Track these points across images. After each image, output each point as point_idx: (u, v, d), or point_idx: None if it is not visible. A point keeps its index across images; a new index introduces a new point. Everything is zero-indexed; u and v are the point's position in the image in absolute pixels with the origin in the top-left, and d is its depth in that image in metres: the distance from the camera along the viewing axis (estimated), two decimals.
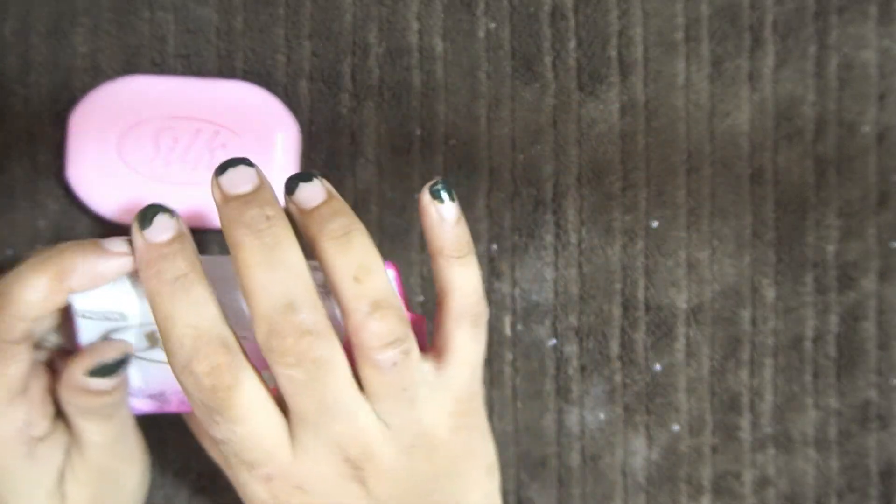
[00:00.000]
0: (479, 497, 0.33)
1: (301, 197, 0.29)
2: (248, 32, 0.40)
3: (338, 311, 0.29)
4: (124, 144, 0.38)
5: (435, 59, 0.40)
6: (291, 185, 0.29)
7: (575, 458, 0.41)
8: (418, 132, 0.41)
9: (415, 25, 0.40)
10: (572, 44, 0.41)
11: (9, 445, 0.30)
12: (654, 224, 0.41)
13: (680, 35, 0.41)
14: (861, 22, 0.41)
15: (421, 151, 0.41)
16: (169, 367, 0.30)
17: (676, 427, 0.41)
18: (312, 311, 0.28)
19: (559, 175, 0.41)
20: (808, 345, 0.42)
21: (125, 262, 0.29)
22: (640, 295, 0.41)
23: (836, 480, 0.42)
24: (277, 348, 0.27)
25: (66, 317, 0.31)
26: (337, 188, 0.41)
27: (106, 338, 0.31)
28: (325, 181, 0.30)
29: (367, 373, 0.29)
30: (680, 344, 0.41)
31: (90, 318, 0.30)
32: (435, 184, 0.31)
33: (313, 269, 0.29)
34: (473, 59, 0.40)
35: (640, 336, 0.41)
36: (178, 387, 0.33)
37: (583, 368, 0.41)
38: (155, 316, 0.28)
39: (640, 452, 0.41)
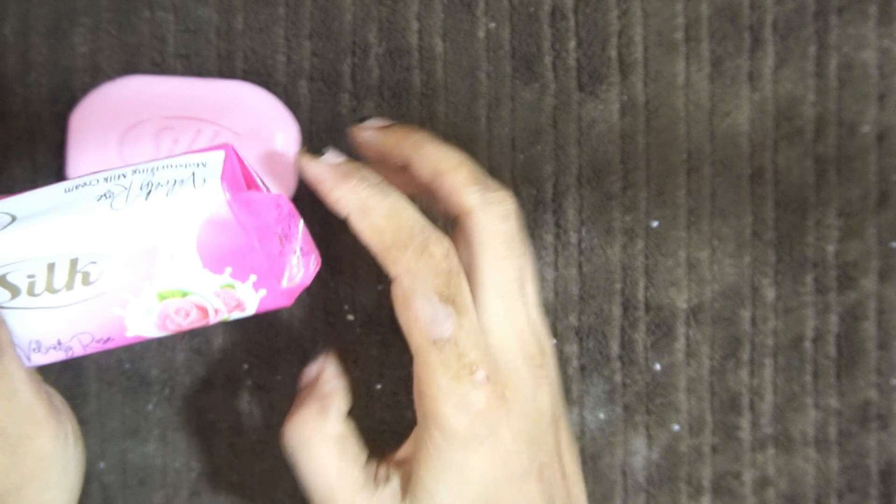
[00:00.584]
0: (572, 462, 0.34)
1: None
2: (248, 32, 0.40)
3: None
4: (124, 144, 0.38)
5: (435, 59, 0.40)
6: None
7: None
8: None
9: (415, 25, 0.40)
10: (572, 44, 0.41)
11: None
12: (654, 224, 0.41)
13: (680, 35, 0.41)
14: (861, 22, 0.41)
15: None
16: (49, 312, 0.30)
17: (676, 427, 0.41)
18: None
19: (559, 175, 0.41)
20: (808, 345, 0.42)
21: None
22: (640, 295, 0.41)
23: (836, 480, 0.42)
24: (492, 199, 0.31)
25: None
26: None
27: None
28: None
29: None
30: (680, 344, 0.41)
31: None
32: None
33: None
34: (473, 59, 0.41)
35: (640, 336, 0.41)
36: (73, 331, 0.31)
37: (583, 368, 0.41)
38: (370, 217, 0.30)
39: (640, 452, 0.41)
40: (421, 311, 0.29)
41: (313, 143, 0.40)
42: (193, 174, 0.30)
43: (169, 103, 0.38)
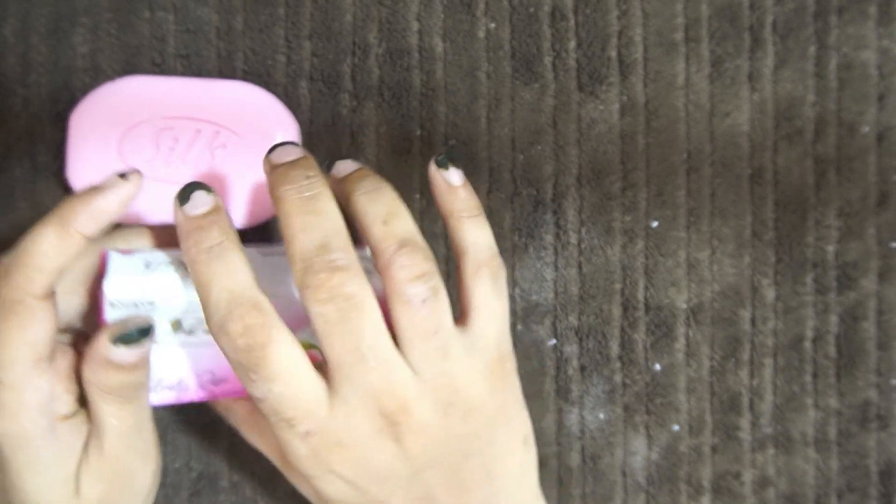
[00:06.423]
0: (514, 467, 0.34)
1: (338, 169, 0.33)
2: (248, 32, 0.40)
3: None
4: (124, 144, 0.38)
5: (435, 60, 0.40)
6: (329, 166, 0.33)
7: (575, 458, 0.41)
8: (418, 132, 0.41)
9: (415, 26, 0.40)
10: (572, 44, 0.41)
11: (32, 415, 0.31)
12: (654, 224, 0.41)
13: (680, 35, 0.41)
14: (861, 22, 0.41)
15: (421, 151, 0.41)
16: (187, 350, 0.32)
17: (676, 427, 0.41)
18: (345, 253, 0.30)
19: (559, 175, 0.41)
20: (807, 345, 0.42)
21: (122, 194, 0.31)
22: (640, 295, 0.41)
23: (835, 480, 0.42)
24: (311, 284, 0.29)
25: (91, 307, 0.33)
26: None
27: None
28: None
29: (398, 312, 0.30)
30: (680, 344, 0.41)
31: (118, 306, 0.31)
32: (439, 155, 0.34)
33: (364, 258, 0.31)
34: (473, 59, 0.41)
35: (639, 336, 0.41)
36: (199, 368, 0.33)
37: (583, 368, 0.41)
38: (195, 284, 0.30)
39: (640, 452, 0.41)
40: (236, 374, 0.31)
41: (313, 143, 0.40)
42: (368, 269, 0.32)
43: (169, 103, 0.38)
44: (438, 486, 0.32)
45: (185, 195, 0.31)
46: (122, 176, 0.31)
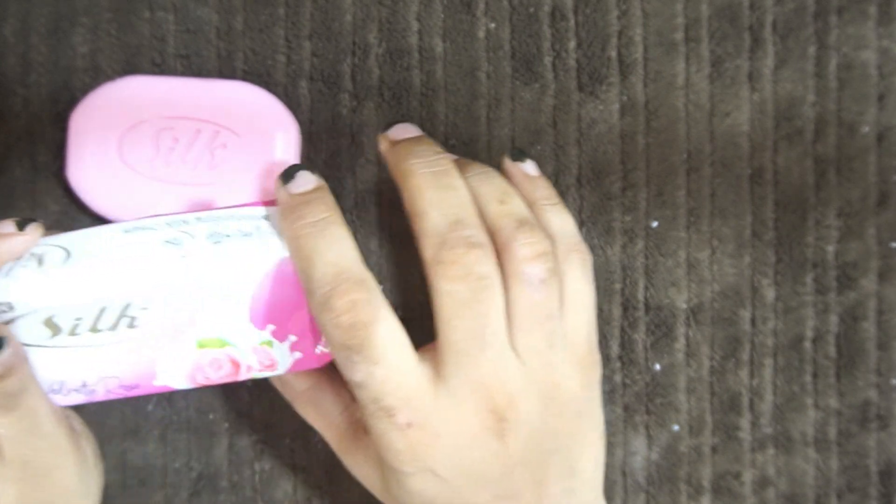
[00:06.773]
0: (592, 462, 0.33)
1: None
2: (248, 32, 0.40)
3: None
4: (124, 144, 0.38)
5: (435, 60, 0.40)
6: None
7: None
8: None
9: (415, 26, 0.40)
10: (572, 44, 0.41)
11: None
12: (654, 224, 0.41)
13: (680, 35, 0.41)
14: (861, 22, 0.41)
15: None
16: (82, 351, 0.30)
17: (676, 427, 0.41)
18: (479, 230, 0.29)
19: (559, 175, 0.41)
20: (807, 345, 0.42)
21: (16, 246, 0.29)
22: (640, 295, 0.41)
23: (835, 480, 0.42)
24: (445, 259, 0.28)
25: None
26: (337, 188, 0.41)
27: None
28: None
29: (515, 292, 0.29)
30: (680, 344, 0.41)
31: None
32: (513, 149, 0.34)
33: None
34: (473, 60, 0.41)
35: (639, 336, 0.41)
36: (101, 374, 0.31)
37: None
38: (297, 260, 0.29)
39: (639, 452, 0.41)
40: (336, 357, 0.29)
41: (313, 143, 0.40)
42: (259, 227, 0.31)
43: (169, 103, 0.38)
44: (525, 482, 0.31)
45: (289, 174, 0.30)
46: (20, 224, 0.30)
